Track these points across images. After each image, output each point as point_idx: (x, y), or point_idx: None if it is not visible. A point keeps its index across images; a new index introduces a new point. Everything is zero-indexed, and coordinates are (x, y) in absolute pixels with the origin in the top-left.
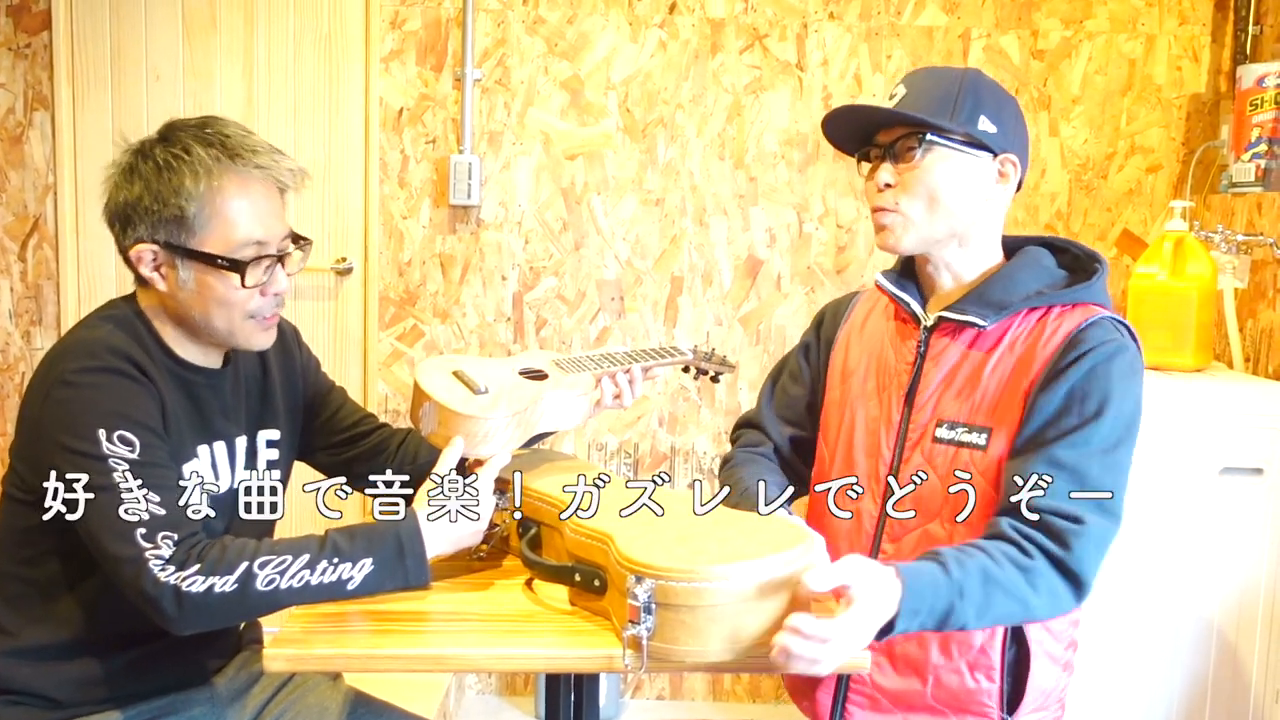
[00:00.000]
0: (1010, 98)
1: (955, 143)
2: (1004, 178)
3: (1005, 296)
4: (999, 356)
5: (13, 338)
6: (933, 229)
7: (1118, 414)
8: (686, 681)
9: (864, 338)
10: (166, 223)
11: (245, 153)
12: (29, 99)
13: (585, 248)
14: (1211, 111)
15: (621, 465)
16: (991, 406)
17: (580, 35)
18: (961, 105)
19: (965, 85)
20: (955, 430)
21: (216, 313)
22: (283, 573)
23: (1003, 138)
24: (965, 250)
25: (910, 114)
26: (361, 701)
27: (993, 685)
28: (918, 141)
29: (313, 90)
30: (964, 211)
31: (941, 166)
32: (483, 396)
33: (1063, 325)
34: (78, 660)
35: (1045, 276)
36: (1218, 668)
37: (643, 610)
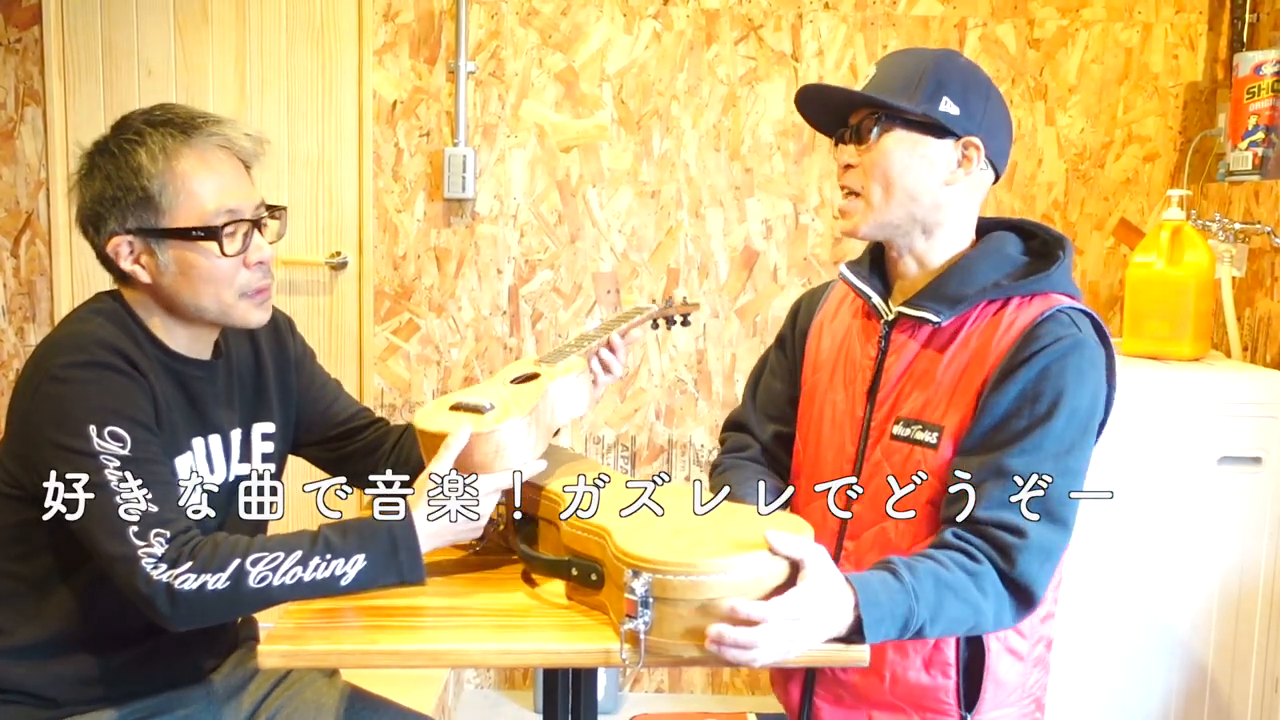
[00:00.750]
0: (983, 80)
1: (912, 124)
2: (967, 161)
3: (961, 289)
4: (954, 352)
5: (6, 334)
6: (890, 214)
7: (1071, 414)
8: (685, 675)
9: (834, 329)
10: (134, 208)
11: (199, 125)
12: (20, 94)
13: (581, 240)
14: (1209, 100)
15: (619, 458)
16: (944, 404)
17: (574, 27)
18: (924, 86)
19: (931, 66)
20: (910, 427)
21: (205, 291)
22: (275, 569)
23: (966, 120)
24: (929, 239)
25: (867, 94)
26: (358, 697)
27: (949, 682)
28: (875, 122)
29: (306, 84)
30: (923, 196)
31: (898, 149)
32: (490, 412)
33: (1019, 319)
34: (72, 658)
35: (1006, 265)
36: (1217, 656)
37: (640, 604)
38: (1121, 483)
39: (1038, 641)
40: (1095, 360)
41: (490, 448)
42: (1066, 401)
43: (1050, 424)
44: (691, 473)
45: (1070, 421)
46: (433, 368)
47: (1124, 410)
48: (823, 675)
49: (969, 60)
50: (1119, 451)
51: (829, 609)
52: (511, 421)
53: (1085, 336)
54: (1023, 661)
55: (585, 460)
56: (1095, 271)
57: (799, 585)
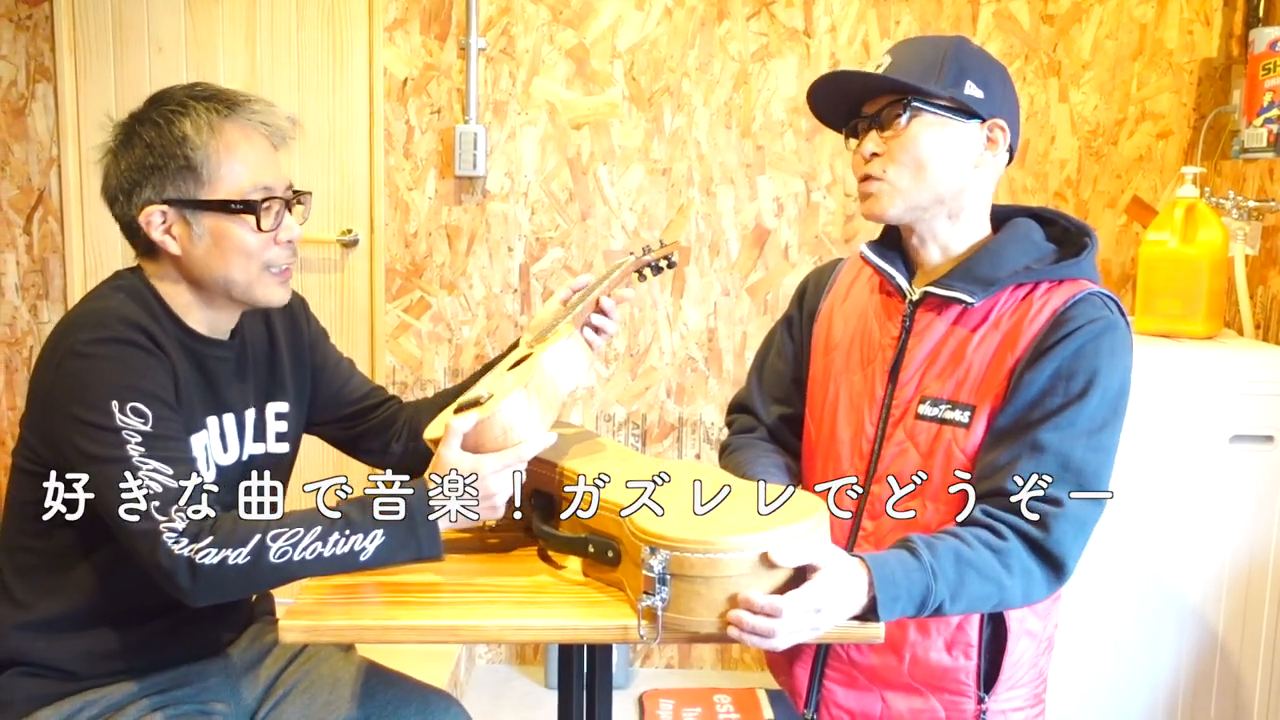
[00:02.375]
0: (997, 64)
1: (941, 108)
2: (993, 144)
3: (992, 272)
4: (984, 333)
5: (20, 312)
6: (919, 196)
7: (1104, 393)
8: (695, 651)
9: (846, 309)
10: (174, 175)
11: (241, 103)
12: (31, 71)
13: (592, 218)
14: (1223, 76)
15: (629, 436)
16: (976, 384)
17: (585, 3)
18: (946, 70)
19: (950, 51)
20: (938, 407)
21: (235, 263)
22: (295, 545)
23: (990, 103)
24: (954, 223)
25: (894, 79)
26: (374, 672)
27: (970, 663)
28: (903, 108)
29: (316, 61)
30: (952, 179)
31: (928, 133)
32: (490, 401)
33: (1050, 302)
34: (92, 632)
35: (1033, 251)
36: (1227, 634)
37: (657, 581)
38: (1133, 461)
39: (1051, 624)
40: (1125, 343)
41: (497, 430)
42: (1100, 381)
43: (1084, 402)
44: (702, 451)
45: (1103, 400)
46: (444, 345)
47: (1136, 389)
48: (835, 656)
49: (978, 45)
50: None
51: (845, 594)
52: (510, 398)
53: (1117, 319)
54: (1037, 642)
55: (599, 438)
56: (1108, 249)
57: (813, 580)
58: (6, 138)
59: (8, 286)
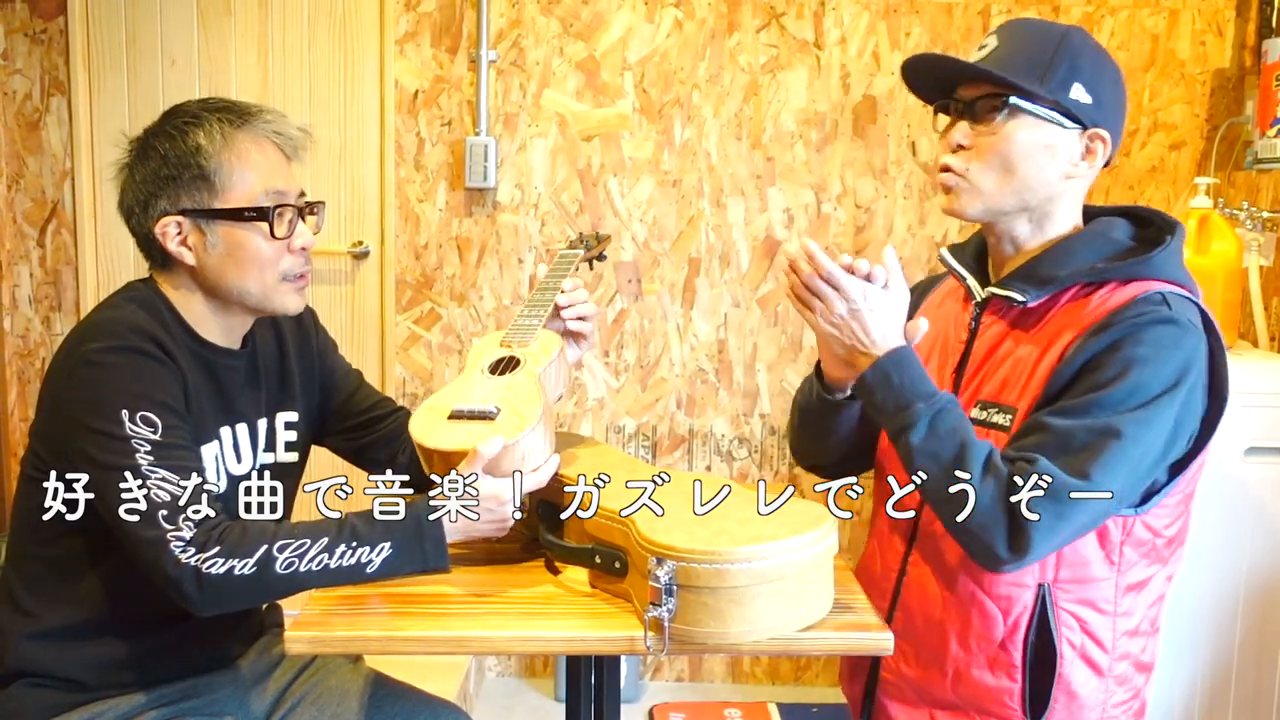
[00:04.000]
0: (1111, 65)
1: (1042, 110)
2: (1091, 155)
3: (1053, 271)
4: (1038, 334)
5: (32, 323)
6: (1002, 201)
7: (1135, 388)
8: (705, 663)
9: (936, 315)
10: (188, 186)
11: (254, 113)
12: (45, 85)
13: (602, 229)
14: (1236, 87)
15: (639, 448)
16: (1019, 385)
17: (595, 15)
18: (1055, 69)
19: (1063, 47)
20: (987, 410)
21: (250, 273)
22: (301, 555)
23: (1096, 110)
24: (1036, 227)
25: (996, 73)
26: (382, 683)
27: (1014, 685)
28: (1001, 104)
29: (328, 73)
30: (1040, 186)
31: (1023, 135)
32: (502, 417)
33: (1109, 301)
34: (100, 642)
35: (1106, 249)
36: (1242, 648)
37: (664, 592)
38: None
39: (1121, 657)
40: (1182, 342)
41: (517, 455)
42: (1132, 374)
43: (1107, 392)
44: (712, 463)
45: (1132, 394)
46: (454, 357)
47: None
48: (886, 668)
49: (1096, 41)
50: None
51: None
52: (531, 428)
53: (1176, 316)
54: (1102, 677)
55: (605, 447)
56: None
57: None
58: (21, 150)
59: (21, 298)
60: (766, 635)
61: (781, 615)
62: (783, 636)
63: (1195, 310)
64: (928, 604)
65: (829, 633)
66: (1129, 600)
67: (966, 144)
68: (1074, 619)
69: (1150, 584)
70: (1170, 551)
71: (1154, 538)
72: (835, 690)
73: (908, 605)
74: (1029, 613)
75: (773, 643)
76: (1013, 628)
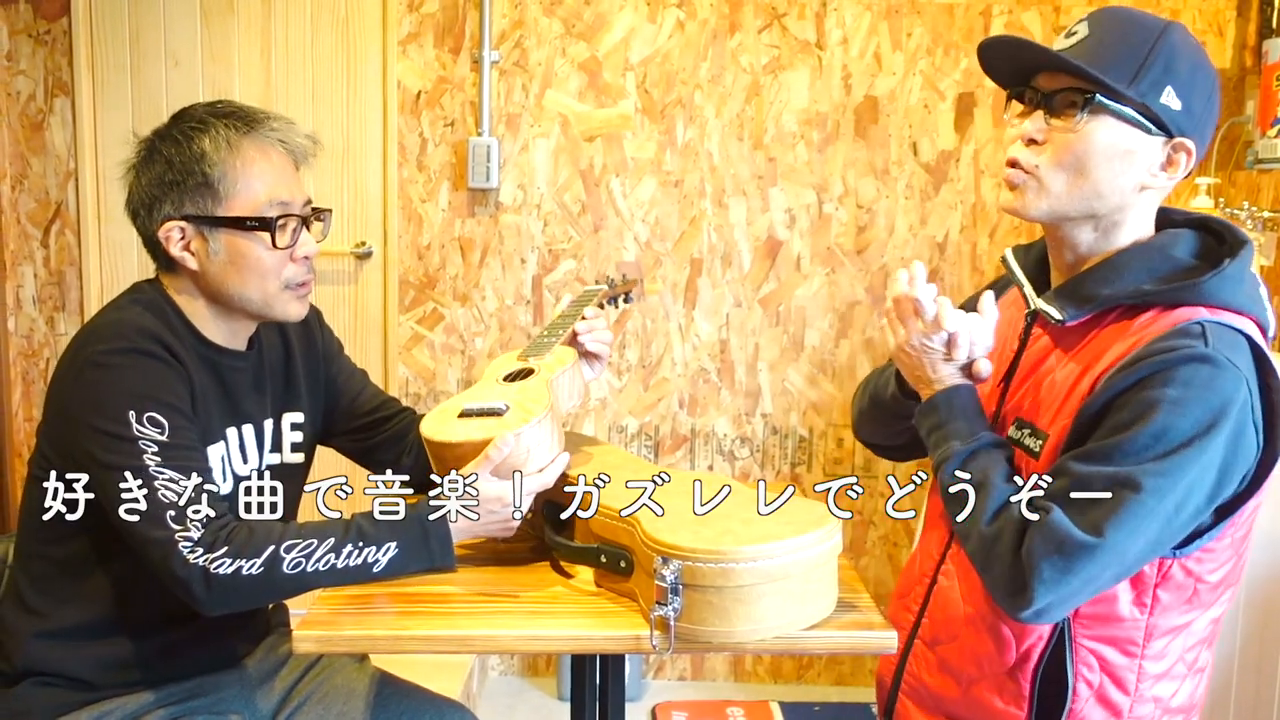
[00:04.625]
0: (1207, 69)
1: (1128, 112)
2: (1173, 165)
3: (1096, 290)
4: (1075, 356)
5: (37, 324)
6: (1070, 205)
7: (1159, 434)
8: (708, 662)
9: (1002, 319)
10: (192, 192)
11: (261, 120)
12: (49, 85)
13: (604, 230)
14: (1237, 87)
15: (642, 447)
16: (1052, 412)
17: (598, 16)
18: (1149, 69)
19: (1160, 45)
20: (1022, 430)
21: (251, 281)
22: (308, 556)
23: (1186, 117)
24: (1102, 236)
25: (1084, 67)
26: (388, 682)
27: (1020, 713)
28: (1083, 100)
29: (331, 74)
30: (1112, 194)
31: (1103, 136)
32: (510, 414)
33: (1150, 329)
34: (108, 641)
35: (1163, 268)
36: (1244, 653)
37: (670, 591)
38: None
39: (1146, 701)
40: (1215, 383)
41: (521, 450)
42: (1158, 418)
43: (1129, 436)
44: (714, 462)
45: (1156, 441)
46: (457, 357)
47: None
48: (909, 673)
49: (1197, 41)
50: None
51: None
52: (537, 420)
53: (1212, 353)
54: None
55: (609, 447)
56: None
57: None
58: (25, 151)
59: (25, 299)
60: (771, 634)
61: (786, 614)
62: (787, 635)
63: (1242, 343)
64: (950, 615)
65: (833, 632)
66: (1161, 644)
67: (1040, 139)
68: (1094, 657)
69: (1190, 628)
70: (1215, 596)
71: (1195, 582)
72: (837, 689)
73: (934, 614)
74: (1043, 644)
75: (778, 642)
76: (1024, 656)
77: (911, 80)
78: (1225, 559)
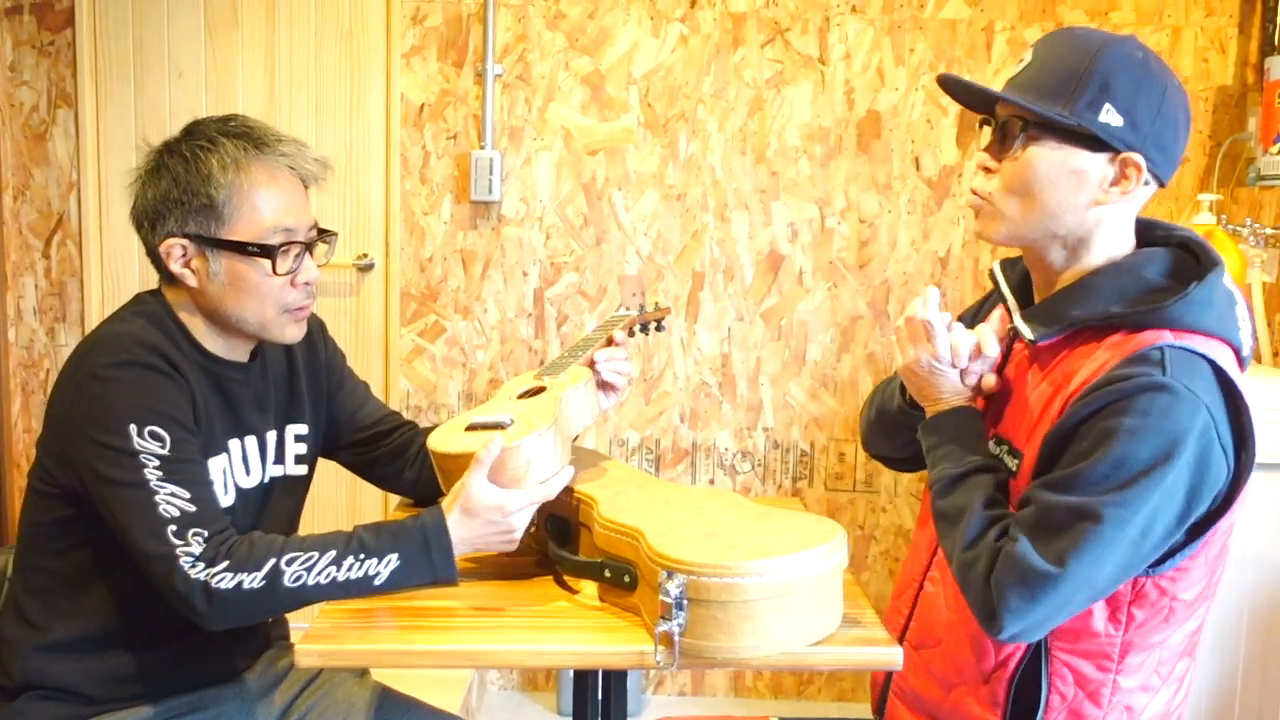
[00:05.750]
0: (1156, 81)
1: (1065, 135)
2: (1125, 181)
3: (1066, 311)
4: (1047, 377)
5: (37, 334)
6: (1025, 228)
7: (1117, 463)
8: (708, 678)
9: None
10: (196, 213)
11: (272, 142)
12: (52, 96)
13: (606, 243)
14: (1239, 104)
15: (643, 461)
16: (1027, 432)
17: (601, 30)
18: (1085, 87)
19: (1096, 65)
20: (1001, 447)
21: (249, 304)
22: (310, 569)
23: (1130, 132)
24: (1072, 255)
25: (1012, 98)
26: (388, 697)
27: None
28: (1020, 128)
29: (334, 86)
30: (1066, 214)
31: (1045, 160)
32: (513, 427)
33: (1115, 354)
34: (108, 655)
35: (1132, 289)
36: (1247, 665)
37: (674, 606)
38: None
39: (1118, 710)
40: (1173, 412)
41: (520, 461)
42: (1115, 448)
43: (1090, 466)
44: (715, 476)
45: (1115, 470)
46: (458, 370)
47: None
48: (898, 677)
49: (1146, 52)
50: None
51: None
52: (538, 433)
53: (1170, 381)
54: None
55: (612, 461)
56: None
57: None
58: (27, 162)
59: (26, 309)
60: (776, 650)
61: (791, 629)
62: (792, 651)
63: (1204, 368)
64: (934, 621)
65: (838, 647)
66: (1137, 659)
67: (993, 166)
68: (1069, 670)
69: (1166, 643)
70: (1190, 612)
71: (1170, 600)
72: (838, 705)
73: (920, 618)
74: (1020, 655)
75: (783, 657)
76: (1001, 664)
77: (914, 95)
78: (1199, 577)
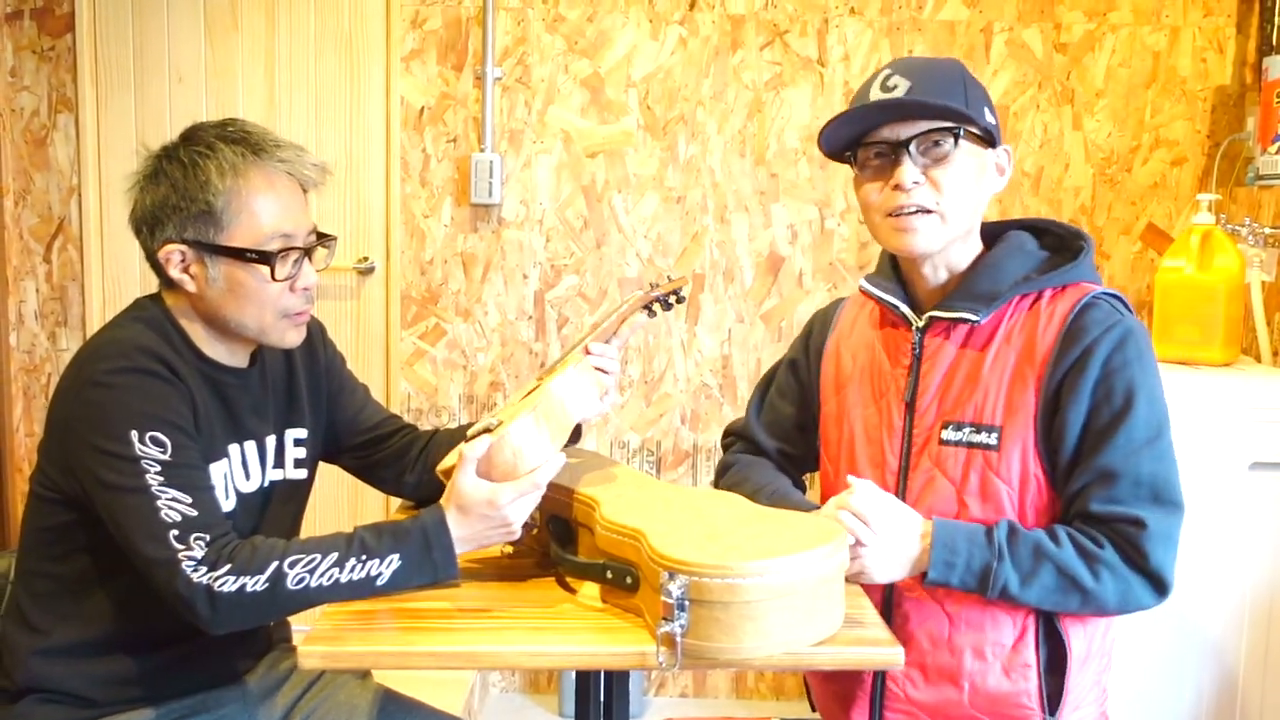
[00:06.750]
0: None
1: (976, 136)
2: (1000, 171)
3: (994, 287)
4: (996, 350)
5: (39, 339)
6: (957, 228)
7: (1149, 400)
8: (710, 679)
9: (853, 344)
10: (194, 219)
11: (269, 148)
12: (53, 101)
13: (606, 245)
14: (1237, 104)
15: (644, 463)
16: (999, 404)
17: (600, 33)
18: (971, 96)
19: (961, 74)
20: (962, 430)
21: (248, 310)
22: (312, 571)
23: (998, 128)
24: (963, 245)
25: (951, 106)
26: (391, 699)
27: (1029, 685)
28: (952, 135)
29: (334, 90)
30: (980, 208)
31: (971, 161)
32: (500, 426)
33: (1057, 309)
34: (109, 658)
35: (1030, 261)
36: (1248, 664)
37: (676, 607)
38: None
39: (1110, 639)
40: (1146, 340)
41: (507, 453)
42: (1140, 389)
43: (1133, 415)
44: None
45: (1150, 407)
46: (459, 372)
47: None
48: (893, 696)
49: None
50: None
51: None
52: (519, 421)
53: (1129, 319)
54: (1098, 658)
55: (614, 463)
56: (1123, 276)
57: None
58: (28, 167)
59: (27, 314)
60: (779, 650)
61: (794, 630)
62: (795, 652)
63: (1122, 302)
64: (931, 624)
65: (841, 647)
66: None
67: (920, 180)
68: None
69: None
70: None
71: None
72: None
73: (906, 628)
74: (1034, 613)
75: (785, 658)
76: (1023, 630)
77: None
78: None
